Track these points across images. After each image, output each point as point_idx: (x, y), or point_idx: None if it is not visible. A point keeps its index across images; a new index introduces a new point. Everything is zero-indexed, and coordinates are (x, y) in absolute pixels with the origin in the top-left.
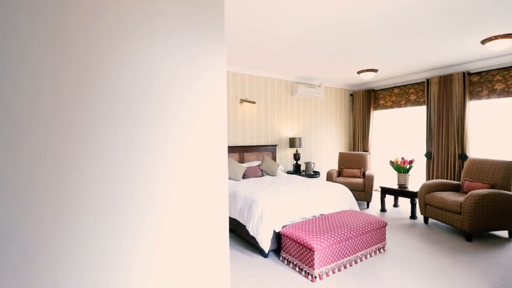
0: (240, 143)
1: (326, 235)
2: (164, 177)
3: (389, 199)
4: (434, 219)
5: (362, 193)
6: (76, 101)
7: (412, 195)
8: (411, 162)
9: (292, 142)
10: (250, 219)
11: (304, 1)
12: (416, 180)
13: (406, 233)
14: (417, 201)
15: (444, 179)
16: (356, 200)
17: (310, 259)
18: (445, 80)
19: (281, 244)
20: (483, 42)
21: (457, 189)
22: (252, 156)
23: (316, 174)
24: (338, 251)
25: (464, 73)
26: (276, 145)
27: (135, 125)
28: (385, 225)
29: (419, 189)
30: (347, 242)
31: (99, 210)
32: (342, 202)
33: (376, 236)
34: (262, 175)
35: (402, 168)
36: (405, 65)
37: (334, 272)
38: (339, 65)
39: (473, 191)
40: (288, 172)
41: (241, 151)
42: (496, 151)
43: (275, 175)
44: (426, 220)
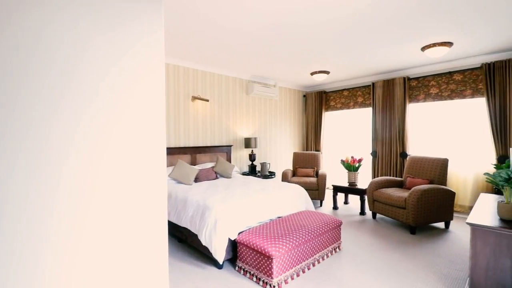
0: (192, 144)
1: (285, 240)
2: (71, 177)
3: (340, 197)
4: (382, 215)
5: (316, 192)
6: None
7: (362, 192)
8: (360, 161)
9: (248, 142)
10: (203, 228)
11: None
12: (365, 178)
13: (358, 230)
14: (366, 198)
15: (388, 176)
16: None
17: (268, 267)
18: (388, 84)
19: (237, 253)
20: (423, 49)
21: (401, 185)
22: (206, 158)
23: (272, 175)
24: (297, 256)
25: (405, 78)
26: (231, 146)
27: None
28: (340, 224)
29: (368, 187)
30: (305, 245)
31: None
32: (299, 203)
33: (332, 236)
34: (216, 178)
35: (352, 167)
36: (354, 69)
37: (293, 278)
38: (294, 66)
39: (416, 187)
40: (244, 174)
41: (193, 152)
42: (432, 149)
43: (230, 177)
44: (374, 216)
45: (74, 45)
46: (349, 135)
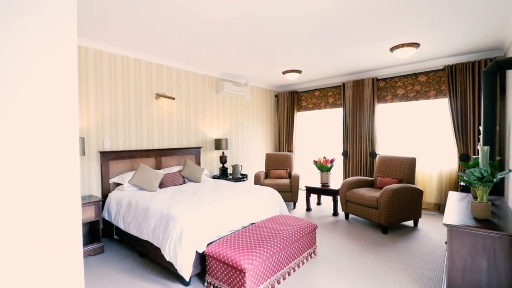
0: (157, 146)
1: (258, 250)
2: None
3: (313, 197)
4: (354, 215)
5: (289, 194)
6: None
7: (334, 193)
8: (332, 161)
9: (218, 144)
10: (166, 241)
11: None
12: (337, 178)
13: (332, 232)
14: (339, 199)
15: (359, 176)
16: (284, 201)
17: (241, 282)
18: (358, 85)
19: (206, 267)
20: (392, 50)
21: (372, 185)
22: (172, 161)
23: (244, 177)
24: (272, 266)
25: (373, 79)
26: (200, 148)
27: None
28: (315, 228)
29: (340, 187)
30: (281, 254)
31: None
32: (272, 207)
33: (308, 241)
34: (184, 182)
35: (325, 167)
36: (325, 69)
37: None
38: (266, 64)
39: (387, 187)
40: (214, 177)
41: (158, 155)
42: (399, 149)
43: (200, 181)
44: (347, 216)
45: None
46: (321, 136)
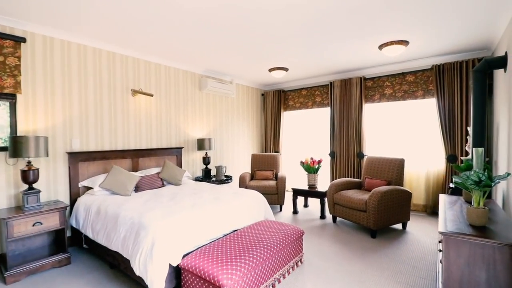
0: (133, 146)
1: (240, 262)
2: None
3: (300, 200)
4: (342, 218)
5: (275, 196)
6: None
7: (322, 195)
8: (320, 162)
9: (201, 144)
10: (136, 253)
11: None
12: (324, 180)
13: (319, 237)
14: (326, 201)
15: (347, 177)
16: (270, 204)
17: None
18: (346, 84)
19: (182, 281)
20: (381, 47)
21: (360, 187)
22: (151, 162)
23: (228, 179)
24: (254, 279)
25: (361, 78)
26: (182, 148)
27: None
28: (302, 234)
29: (328, 189)
30: (265, 264)
31: None
32: (257, 212)
33: (294, 249)
34: (163, 185)
35: (312, 168)
36: (312, 67)
37: None
38: (251, 61)
39: (376, 189)
40: (197, 179)
41: (135, 156)
42: (386, 149)
43: (180, 184)
44: (335, 219)
45: None
46: (308, 136)
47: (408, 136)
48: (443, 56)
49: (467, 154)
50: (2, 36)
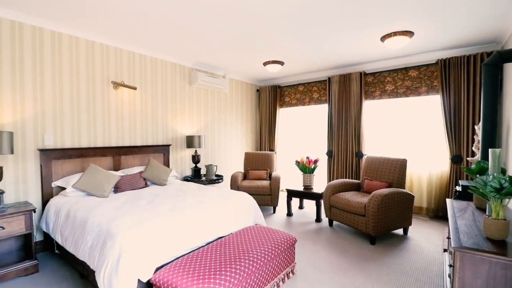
0: (115, 143)
1: (223, 276)
2: None
3: (296, 201)
4: (339, 222)
5: (268, 197)
6: None
7: (318, 197)
8: (316, 162)
9: (190, 141)
10: (101, 266)
11: None
12: (320, 180)
13: (314, 243)
14: (322, 203)
15: (345, 178)
16: (263, 206)
17: None
18: (345, 79)
19: None
20: (383, 39)
21: (358, 188)
22: (135, 161)
23: (219, 179)
24: None
25: (361, 73)
26: (170, 145)
27: None
28: (295, 242)
29: (324, 191)
30: (252, 278)
31: None
32: (246, 216)
33: (285, 258)
34: (146, 186)
35: (308, 168)
36: (310, 61)
37: None
38: (245, 54)
39: (376, 192)
40: (185, 178)
41: (117, 154)
42: (386, 149)
43: (165, 184)
44: (331, 223)
45: None
46: (305, 134)
47: (410, 135)
48: (450, 50)
49: (474, 155)
50: None
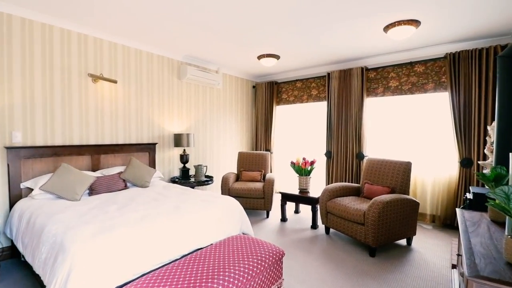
0: (94, 141)
1: None
2: None
3: (291, 205)
4: (336, 230)
5: (261, 201)
6: None
7: (314, 202)
8: (313, 163)
9: (178, 140)
10: (51, 283)
11: None
12: (318, 182)
13: (307, 253)
14: (318, 208)
15: (344, 181)
16: (255, 210)
17: None
18: (345, 75)
19: None
20: (386, 29)
21: (358, 193)
22: (116, 160)
23: (209, 180)
24: None
25: (363, 68)
26: (156, 144)
27: None
28: (282, 256)
29: (321, 195)
30: None
31: None
32: (231, 224)
33: (270, 275)
34: (125, 188)
35: (304, 170)
36: (307, 54)
37: None
38: (238, 46)
39: (376, 199)
40: (173, 180)
41: (96, 153)
42: (389, 150)
43: (147, 186)
44: (328, 230)
45: None
46: (303, 133)
47: (415, 136)
48: (460, 43)
49: (486, 158)
50: None
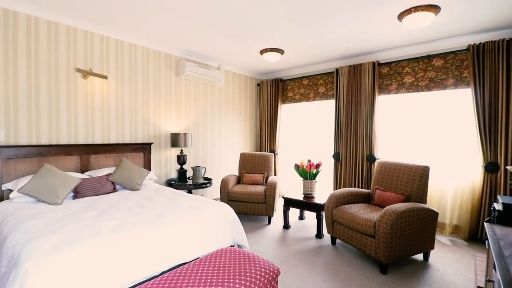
0: (83, 141)
1: None
2: None
3: (295, 211)
4: (343, 241)
5: (263, 206)
6: None
7: (319, 209)
8: (318, 166)
9: (175, 140)
10: None
11: None
12: (325, 187)
13: (309, 267)
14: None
15: (353, 186)
16: (257, 215)
17: None
18: (355, 71)
19: None
20: (401, 17)
21: (368, 200)
22: (107, 161)
23: (208, 183)
24: None
25: (374, 63)
26: (151, 144)
27: None
28: (277, 275)
29: (326, 202)
30: None
31: None
32: (222, 235)
33: None
34: (114, 190)
35: (309, 174)
36: (314, 49)
37: None
38: (239, 40)
39: (389, 207)
40: (169, 182)
41: (85, 153)
42: (403, 153)
43: (138, 189)
44: (334, 241)
45: None
46: (309, 134)
47: (433, 137)
48: (484, 34)
49: None
50: None
